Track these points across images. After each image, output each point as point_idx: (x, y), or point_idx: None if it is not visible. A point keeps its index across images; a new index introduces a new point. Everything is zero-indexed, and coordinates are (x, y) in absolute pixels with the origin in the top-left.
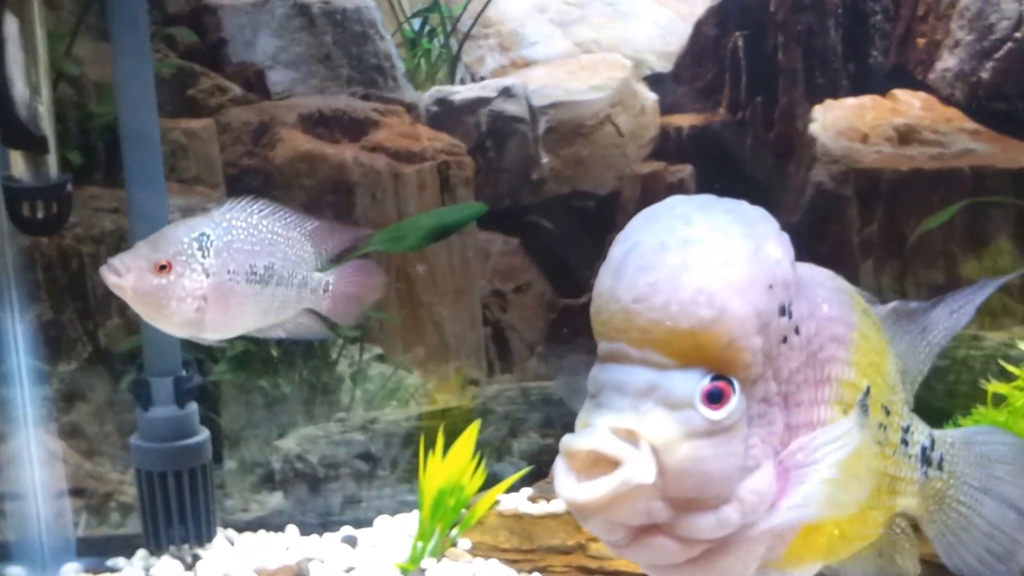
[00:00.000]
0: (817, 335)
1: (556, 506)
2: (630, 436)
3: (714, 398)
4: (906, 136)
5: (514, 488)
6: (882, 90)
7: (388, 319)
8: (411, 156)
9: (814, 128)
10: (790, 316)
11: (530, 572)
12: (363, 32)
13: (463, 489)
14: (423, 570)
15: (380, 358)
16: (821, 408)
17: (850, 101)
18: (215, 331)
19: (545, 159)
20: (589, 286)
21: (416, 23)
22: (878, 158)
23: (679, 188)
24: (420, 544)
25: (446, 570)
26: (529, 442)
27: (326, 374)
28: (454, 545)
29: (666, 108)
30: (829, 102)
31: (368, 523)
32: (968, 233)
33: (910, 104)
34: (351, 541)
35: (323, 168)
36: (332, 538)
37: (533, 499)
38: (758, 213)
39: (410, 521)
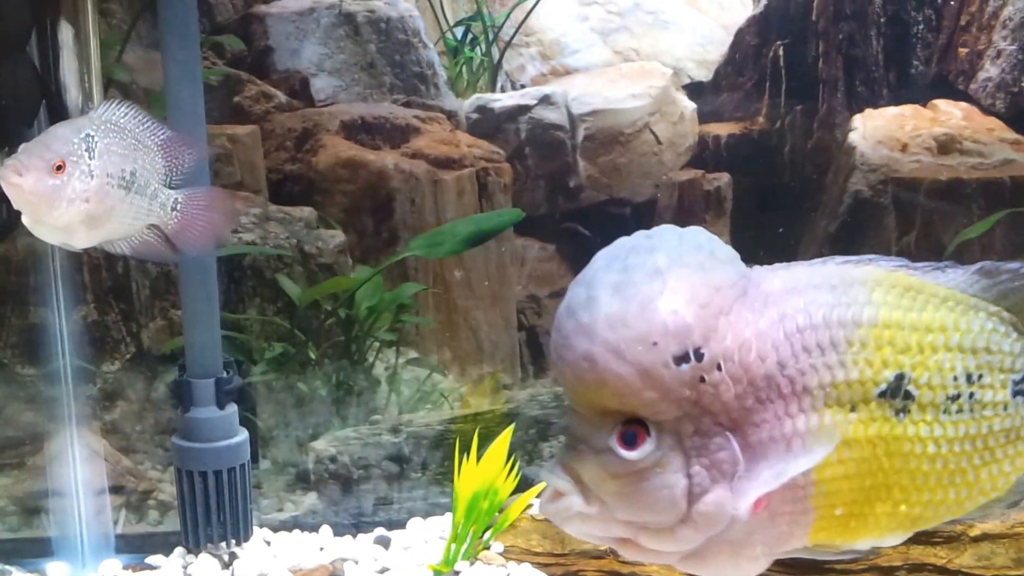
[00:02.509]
0: (771, 355)
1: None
2: (572, 473)
3: (628, 440)
4: (946, 146)
5: None
6: (923, 100)
7: (424, 323)
8: (451, 163)
9: (853, 137)
10: (699, 359)
11: None
12: (407, 40)
13: (497, 493)
14: (457, 572)
15: (415, 361)
16: (797, 419)
17: (890, 110)
18: (86, 237)
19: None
20: None
21: (459, 32)
22: (917, 167)
23: (716, 196)
24: (454, 547)
25: (479, 573)
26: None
27: (362, 376)
28: (487, 548)
29: (705, 116)
30: (869, 111)
31: (401, 524)
32: (1008, 244)
33: (951, 114)
34: (384, 542)
35: (364, 174)
36: (365, 539)
37: None
38: (670, 257)
39: (443, 523)
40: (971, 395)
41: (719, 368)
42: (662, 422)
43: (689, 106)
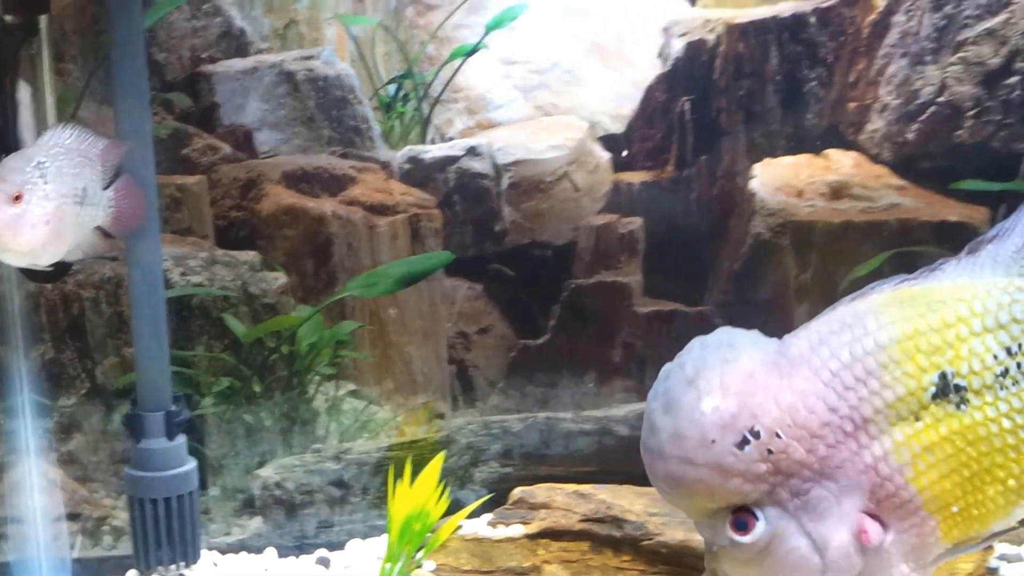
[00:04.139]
0: (819, 405)
1: (514, 531)
2: (719, 572)
3: (742, 527)
4: (838, 191)
5: (476, 514)
6: (816, 150)
7: (362, 358)
8: (385, 209)
9: (754, 184)
10: (757, 436)
11: None
12: (343, 97)
13: (428, 515)
14: None
15: (353, 393)
16: (872, 447)
17: (787, 160)
18: (50, 255)
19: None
20: (546, 328)
21: (391, 89)
22: (812, 211)
23: (630, 238)
24: (388, 565)
25: None
26: (490, 471)
27: (304, 408)
28: (419, 567)
29: (619, 166)
30: (768, 160)
31: (341, 546)
32: None
33: (842, 162)
34: (324, 563)
35: (304, 220)
36: (307, 560)
37: (493, 524)
38: (695, 365)
39: (380, 544)
40: (1018, 365)
41: (779, 436)
42: (760, 500)
43: (604, 156)
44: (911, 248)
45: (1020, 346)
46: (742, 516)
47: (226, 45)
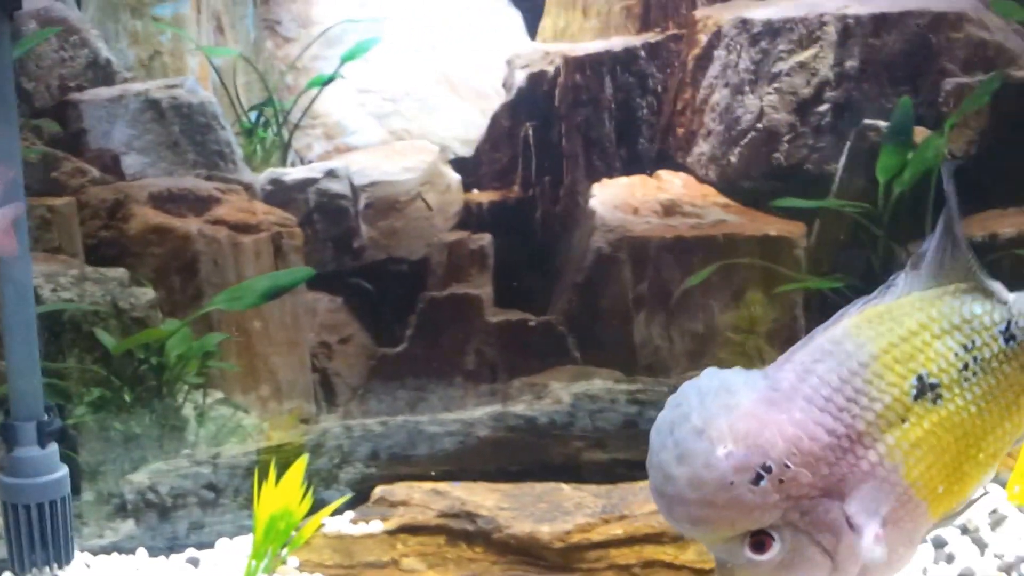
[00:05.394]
0: (819, 431)
1: (374, 527)
2: None
3: (759, 547)
4: (670, 209)
5: (338, 512)
6: (649, 171)
7: (228, 367)
8: (248, 228)
9: (593, 203)
10: (769, 471)
11: None
12: (207, 123)
13: (292, 514)
14: None
15: (221, 401)
16: (869, 454)
17: (623, 180)
18: None
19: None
20: (404, 337)
21: (253, 116)
22: (647, 227)
23: (480, 254)
24: (254, 563)
25: None
26: (353, 472)
27: (173, 416)
28: (284, 563)
29: (468, 186)
30: (605, 181)
31: (210, 545)
32: (723, 289)
33: (672, 183)
34: (194, 562)
35: (171, 239)
36: (178, 559)
37: (355, 521)
38: (700, 415)
39: (248, 543)
40: (975, 359)
41: (787, 466)
42: (775, 522)
43: (455, 178)
44: (737, 260)
45: (973, 342)
46: (759, 538)
47: (93, 75)
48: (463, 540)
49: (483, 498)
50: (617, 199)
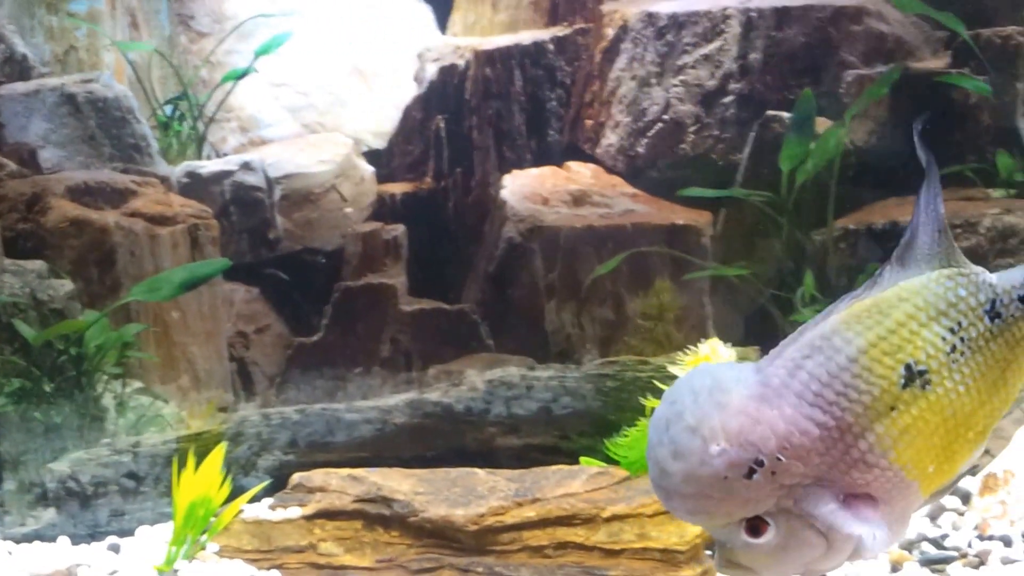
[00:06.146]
0: (809, 425)
1: (292, 513)
2: (738, 561)
3: (755, 531)
4: (579, 199)
5: (257, 499)
6: (559, 162)
7: (147, 357)
8: (165, 220)
9: (504, 193)
10: (761, 464)
11: (268, 569)
12: (122, 117)
13: (211, 501)
14: (176, 571)
15: (141, 391)
16: (859, 443)
17: (533, 171)
18: None
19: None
20: (320, 326)
21: (168, 109)
22: (557, 217)
23: (393, 244)
24: (174, 549)
25: (196, 570)
26: (272, 459)
27: (93, 405)
28: (203, 549)
29: (382, 178)
30: (516, 172)
31: (131, 533)
32: (631, 277)
33: (582, 173)
34: (115, 548)
35: (89, 231)
36: (99, 546)
37: (273, 507)
38: (693, 413)
39: (168, 530)
40: (962, 339)
41: (779, 459)
42: (769, 509)
43: (368, 170)
44: (645, 249)
45: (960, 324)
46: (755, 523)
47: (9, 70)
48: (379, 524)
49: (399, 483)
50: (528, 190)
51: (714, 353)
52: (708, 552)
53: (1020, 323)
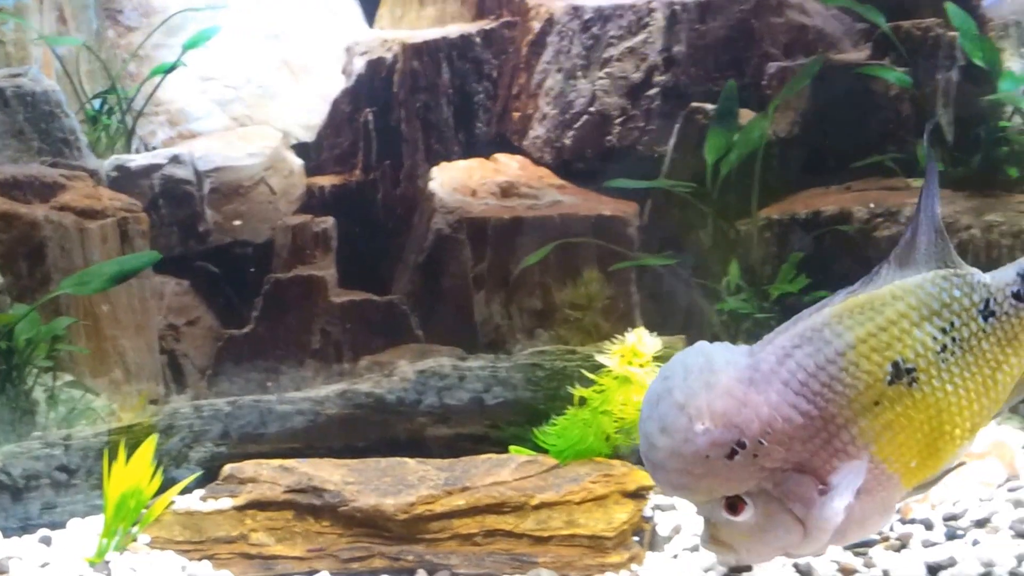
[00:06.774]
0: (793, 412)
1: (223, 504)
2: (720, 538)
3: (734, 509)
4: (507, 191)
5: (189, 490)
6: (487, 154)
7: (78, 351)
8: (95, 214)
9: (433, 185)
10: (743, 446)
11: (200, 560)
12: (51, 111)
13: (142, 493)
14: (107, 562)
15: (71, 384)
16: (841, 434)
17: (461, 163)
18: None
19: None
20: (250, 318)
21: (97, 103)
22: (486, 208)
23: (323, 236)
24: (105, 540)
25: (127, 562)
26: (204, 451)
27: (24, 398)
28: (135, 540)
29: (311, 171)
30: (444, 164)
31: (63, 525)
32: (559, 267)
33: (509, 165)
34: (47, 541)
35: (18, 225)
36: (31, 539)
37: (204, 498)
38: (683, 391)
39: (100, 522)
40: (953, 339)
41: (761, 443)
42: (750, 490)
43: (298, 162)
44: (573, 240)
45: (952, 324)
46: (733, 501)
47: None
48: (310, 514)
49: (329, 473)
50: (456, 181)
51: (640, 343)
52: (635, 538)
53: (1013, 319)
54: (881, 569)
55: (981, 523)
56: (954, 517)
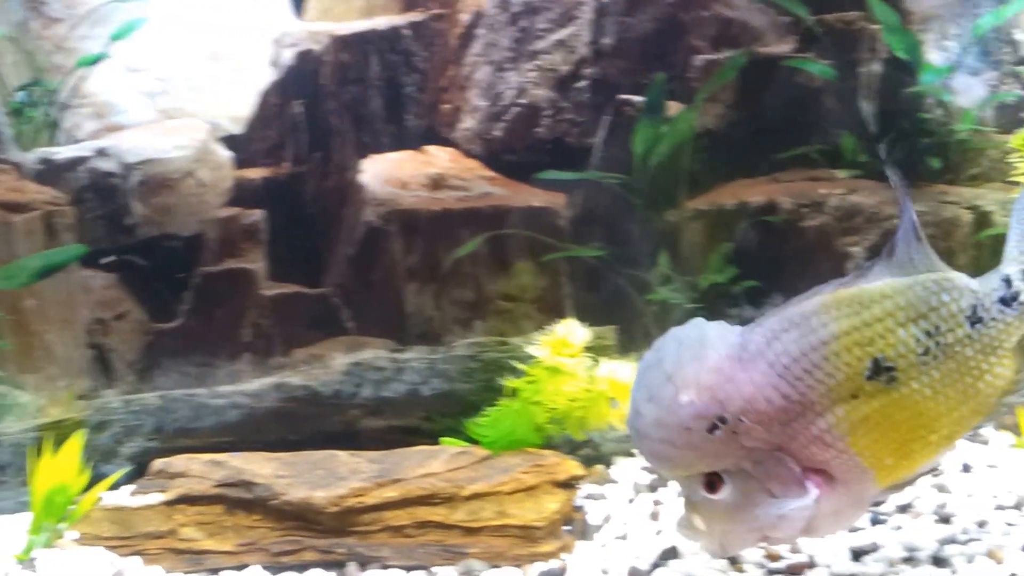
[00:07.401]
0: (775, 394)
1: (153, 499)
2: (695, 520)
3: (711, 487)
4: (437, 183)
5: (117, 486)
6: (417, 146)
7: (3, 346)
8: (19, 207)
9: (363, 177)
10: (724, 422)
11: (129, 556)
12: None
13: (69, 489)
14: (34, 559)
15: None
16: (819, 422)
17: (392, 155)
18: None
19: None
20: (179, 312)
21: (21, 96)
22: (416, 200)
23: (252, 229)
24: (33, 537)
25: (55, 558)
26: (134, 446)
27: None
28: (62, 537)
29: (240, 163)
30: (374, 156)
31: None
32: (490, 259)
33: (439, 157)
34: None
35: None
36: None
37: (134, 494)
38: (672, 362)
39: (27, 519)
40: (937, 343)
41: (742, 421)
42: (728, 468)
43: (226, 155)
44: (503, 231)
45: (937, 328)
46: (712, 479)
47: None
48: (241, 508)
49: (260, 467)
50: (386, 174)
51: (570, 334)
52: (566, 528)
53: (999, 325)
54: (807, 554)
55: (904, 508)
56: (878, 503)
